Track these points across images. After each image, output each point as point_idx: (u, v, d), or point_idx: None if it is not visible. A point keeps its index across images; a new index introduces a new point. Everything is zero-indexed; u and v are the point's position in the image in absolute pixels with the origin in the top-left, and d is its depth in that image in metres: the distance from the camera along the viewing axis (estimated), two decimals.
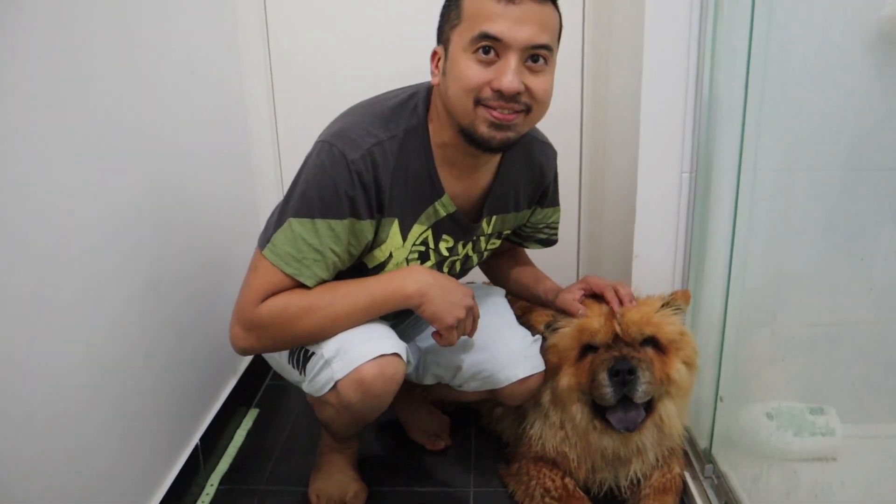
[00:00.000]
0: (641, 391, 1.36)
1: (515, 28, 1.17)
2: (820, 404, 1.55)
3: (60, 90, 1.15)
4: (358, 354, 1.27)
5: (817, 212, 1.46)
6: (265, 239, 1.29)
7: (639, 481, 1.52)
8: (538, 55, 1.21)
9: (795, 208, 1.44)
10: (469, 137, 1.26)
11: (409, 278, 1.31)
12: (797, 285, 1.47)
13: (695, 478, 1.55)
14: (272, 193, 2.19)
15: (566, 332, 1.49)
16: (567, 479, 1.50)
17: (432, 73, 1.31)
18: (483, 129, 1.23)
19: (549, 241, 1.70)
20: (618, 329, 1.42)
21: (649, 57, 1.49)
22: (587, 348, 1.45)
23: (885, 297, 1.45)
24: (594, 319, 1.45)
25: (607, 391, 1.37)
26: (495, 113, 1.22)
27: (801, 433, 1.55)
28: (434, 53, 1.30)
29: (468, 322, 1.38)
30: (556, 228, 1.69)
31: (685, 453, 1.60)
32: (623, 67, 1.73)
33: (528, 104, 1.23)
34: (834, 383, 1.51)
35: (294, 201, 1.26)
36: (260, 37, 2.10)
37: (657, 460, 1.51)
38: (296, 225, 1.25)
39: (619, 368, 1.35)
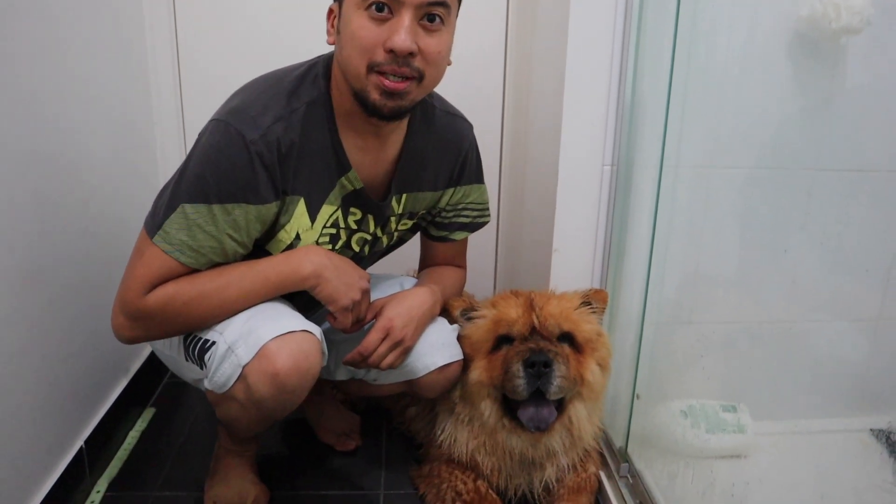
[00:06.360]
0: (555, 386, 1.32)
1: None
2: (736, 402, 1.56)
3: None
4: (264, 333, 1.19)
5: (737, 209, 1.46)
6: (154, 225, 1.19)
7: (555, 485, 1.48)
8: (434, 14, 1.16)
9: (715, 205, 1.44)
10: (362, 103, 1.21)
11: (305, 259, 1.26)
12: (716, 283, 1.46)
13: (610, 477, 1.52)
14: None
15: (480, 324, 1.44)
16: (480, 482, 1.44)
17: (328, 32, 1.26)
18: (375, 96, 1.19)
19: (475, 225, 1.58)
20: (535, 321, 1.38)
21: (573, 49, 1.47)
22: (502, 340, 1.40)
23: (800, 294, 1.46)
24: (512, 310, 1.40)
25: (520, 383, 1.32)
26: (387, 81, 1.17)
27: (713, 430, 1.55)
28: (330, 11, 1.25)
29: (363, 305, 1.33)
30: (482, 210, 1.58)
31: (600, 453, 1.57)
32: (546, 58, 1.69)
33: (421, 70, 1.19)
34: (750, 380, 1.52)
35: (187, 185, 1.17)
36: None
37: (571, 465, 1.46)
38: (190, 211, 1.16)
39: (534, 360, 1.31)
